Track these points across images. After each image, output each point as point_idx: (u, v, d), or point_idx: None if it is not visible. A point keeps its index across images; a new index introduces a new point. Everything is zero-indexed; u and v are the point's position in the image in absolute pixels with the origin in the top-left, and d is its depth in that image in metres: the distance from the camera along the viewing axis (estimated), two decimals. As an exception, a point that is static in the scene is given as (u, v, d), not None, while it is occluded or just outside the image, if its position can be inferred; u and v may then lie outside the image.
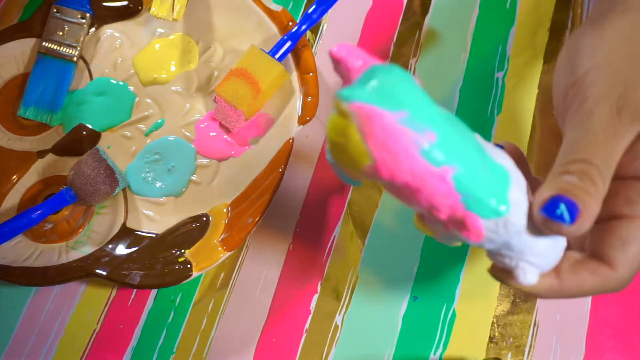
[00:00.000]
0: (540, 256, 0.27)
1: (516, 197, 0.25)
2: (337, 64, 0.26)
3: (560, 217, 0.25)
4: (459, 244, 0.27)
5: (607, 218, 0.27)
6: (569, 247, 0.28)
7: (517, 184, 0.25)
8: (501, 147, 0.29)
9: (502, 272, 0.28)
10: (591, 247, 0.28)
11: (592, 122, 0.26)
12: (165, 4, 0.43)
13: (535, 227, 0.26)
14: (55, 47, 0.42)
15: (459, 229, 0.25)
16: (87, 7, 0.43)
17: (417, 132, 0.23)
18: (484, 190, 0.24)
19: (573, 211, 0.25)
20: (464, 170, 0.24)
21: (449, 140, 0.24)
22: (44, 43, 0.42)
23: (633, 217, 0.27)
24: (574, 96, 0.28)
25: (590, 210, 0.25)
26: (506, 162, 0.26)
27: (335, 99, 0.24)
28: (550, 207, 0.25)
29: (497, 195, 0.25)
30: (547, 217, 0.25)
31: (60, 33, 0.42)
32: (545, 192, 0.25)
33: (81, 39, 0.43)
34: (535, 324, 0.39)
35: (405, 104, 0.23)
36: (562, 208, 0.25)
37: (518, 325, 0.39)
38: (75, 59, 0.42)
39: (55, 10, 0.43)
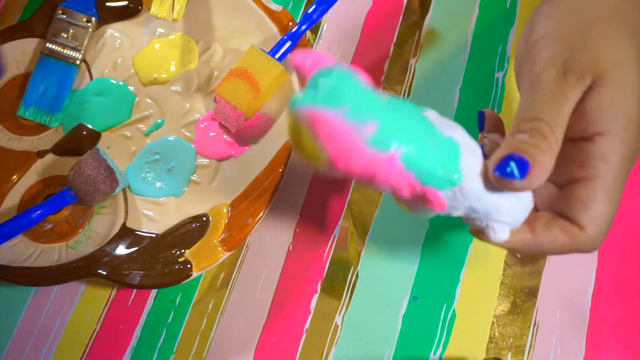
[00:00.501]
0: (507, 214, 0.28)
1: (469, 165, 0.27)
2: (297, 70, 0.28)
3: (511, 174, 0.27)
4: (433, 214, 0.29)
5: (566, 182, 0.29)
6: (538, 211, 0.30)
7: (470, 152, 0.28)
8: (482, 114, 0.32)
9: (477, 232, 0.30)
10: (559, 210, 0.29)
11: (540, 84, 0.28)
12: (165, 4, 0.43)
13: (494, 188, 0.28)
14: (58, 49, 0.42)
15: (424, 203, 0.28)
16: (94, 10, 0.43)
17: (360, 123, 0.25)
18: (434, 164, 0.27)
19: (523, 167, 0.27)
20: (410, 149, 0.26)
21: (391, 126, 0.26)
22: (47, 44, 0.42)
23: (587, 178, 0.28)
24: (526, 63, 0.30)
25: (542, 164, 0.27)
26: (457, 133, 0.28)
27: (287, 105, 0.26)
28: (502, 166, 0.27)
29: (448, 166, 0.27)
30: (499, 175, 0.27)
31: (65, 35, 0.42)
32: (498, 153, 0.27)
33: (85, 42, 0.43)
34: (535, 324, 0.39)
35: (345, 99, 0.25)
36: (512, 165, 0.27)
37: (518, 325, 0.39)
38: (78, 62, 0.42)
39: (61, 12, 0.43)
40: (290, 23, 0.42)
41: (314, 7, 0.42)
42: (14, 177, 0.40)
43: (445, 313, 0.39)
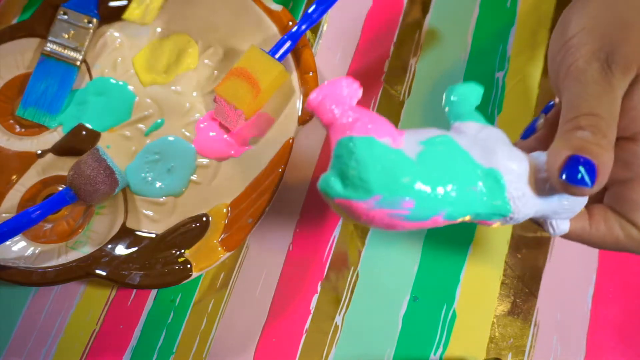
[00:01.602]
0: (565, 212, 0.28)
1: (516, 190, 0.26)
2: (314, 113, 0.27)
3: (582, 181, 0.25)
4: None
5: (612, 182, 0.29)
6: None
7: (515, 176, 0.27)
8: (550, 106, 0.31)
9: (537, 224, 0.30)
10: (612, 207, 0.29)
11: (587, 78, 0.27)
12: (140, 7, 0.42)
13: (550, 190, 0.27)
14: (59, 49, 0.42)
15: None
16: (95, 12, 0.43)
17: (395, 208, 0.25)
18: (479, 209, 0.26)
19: (591, 171, 0.25)
20: (451, 210, 0.26)
21: (427, 197, 0.25)
22: (48, 44, 0.42)
23: (635, 178, 0.28)
24: (565, 58, 0.29)
25: (606, 164, 0.26)
26: (499, 157, 0.27)
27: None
28: (570, 173, 0.26)
29: (494, 205, 0.26)
30: (568, 183, 0.25)
31: (66, 36, 0.42)
32: (561, 153, 0.26)
33: (86, 43, 0.43)
34: (535, 324, 0.39)
35: (374, 190, 0.25)
36: (582, 171, 0.25)
37: (518, 326, 0.39)
38: (78, 63, 0.42)
39: (62, 12, 0.43)
40: (290, 23, 0.42)
41: (314, 7, 0.42)
42: (14, 177, 0.40)
43: (445, 313, 0.39)
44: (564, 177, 0.26)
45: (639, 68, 0.27)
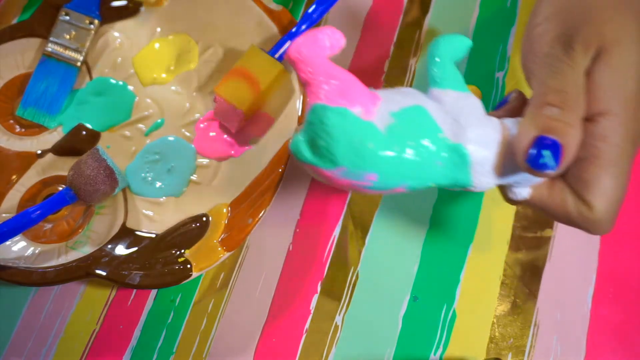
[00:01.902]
0: (527, 181, 0.29)
1: (480, 166, 0.27)
2: (293, 64, 0.27)
3: (545, 166, 0.26)
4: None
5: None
6: None
7: (481, 152, 0.27)
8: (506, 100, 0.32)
9: (499, 188, 0.31)
10: (569, 184, 0.29)
11: (552, 60, 0.28)
12: None
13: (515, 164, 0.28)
14: (60, 50, 0.42)
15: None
16: (97, 13, 0.43)
17: (359, 179, 0.26)
18: (441, 181, 0.28)
19: (556, 153, 0.26)
20: (413, 183, 0.27)
21: (390, 174, 0.26)
22: (49, 45, 0.42)
23: (589, 158, 0.28)
24: (531, 47, 0.30)
25: (573, 142, 0.27)
26: (468, 133, 0.27)
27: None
28: (535, 158, 0.26)
29: (457, 178, 0.28)
30: (532, 168, 0.26)
31: (67, 37, 0.42)
32: (528, 133, 0.27)
33: (87, 44, 0.43)
34: (535, 324, 0.39)
35: (339, 162, 0.26)
36: (546, 156, 0.26)
37: (518, 326, 0.39)
38: (79, 64, 0.42)
39: (64, 13, 0.43)
40: (290, 23, 0.42)
41: (314, 7, 0.42)
42: (14, 176, 0.40)
43: (445, 313, 0.39)
44: (528, 161, 0.26)
45: (598, 47, 0.28)
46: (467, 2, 0.47)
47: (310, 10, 0.42)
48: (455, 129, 0.27)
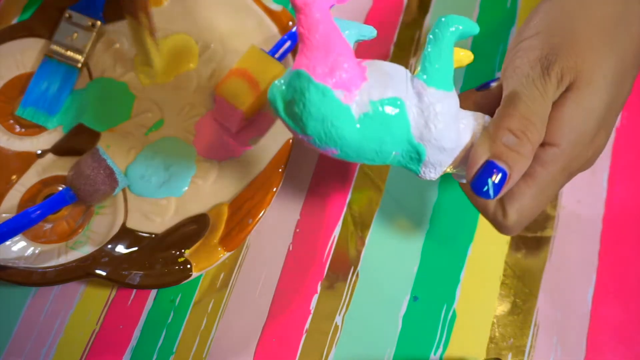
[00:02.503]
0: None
1: (433, 166, 0.29)
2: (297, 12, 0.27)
3: (486, 194, 0.28)
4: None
5: None
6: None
7: (439, 156, 0.29)
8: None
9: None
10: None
11: (528, 81, 0.29)
12: None
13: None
14: (62, 51, 0.42)
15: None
16: (100, 15, 0.43)
17: (321, 149, 0.28)
18: (394, 163, 0.29)
19: (500, 181, 0.28)
20: (371, 162, 0.29)
21: (352, 152, 0.28)
22: (52, 46, 0.42)
23: (523, 175, 0.29)
24: (514, 57, 0.31)
25: (518, 172, 0.28)
26: (432, 137, 0.28)
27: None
28: (479, 183, 0.28)
29: (409, 167, 0.29)
30: (474, 191, 0.28)
31: (69, 38, 0.42)
32: (478, 156, 0.28)
33: (88, 45, 0.43)
34: (535, 324, 0.39)
35: (308, 132, 0.27)
36: (489, 184, 0.28)
37: (518, 326, 0.39)
38: (79, 64, 0.42)
39: (68, 15, 0.43)
40: (290, 23, 0.42)
41: (314, 7, 0.42)
42: (14, 176, 0.40)
43: (445, 313, 0.39)
44: (472, 185, 0.28)
45: (572, 80, 0.29)
46: (467, 2, 0.47)
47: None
48: (423, 129, 0.28)
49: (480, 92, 0.33)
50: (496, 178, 0.28)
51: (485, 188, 0.28)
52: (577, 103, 0.29)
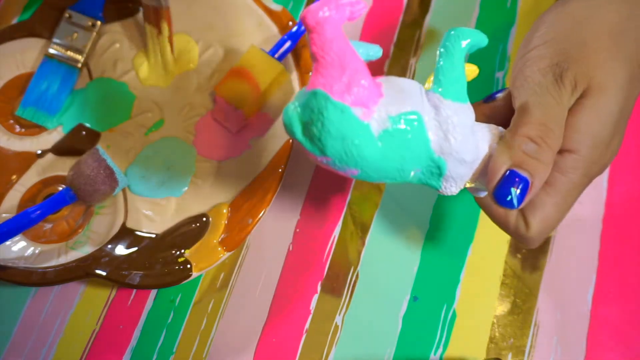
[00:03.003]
0: (486, 191, 0.30)
1: (454, 180, 0.29)
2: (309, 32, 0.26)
3: (509, 203, 0.28)
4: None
5: None
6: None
7: (459, 169, 0.28)
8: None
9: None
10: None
11: (542, 89, 0.29)
12: None
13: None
14: (62, 51, 0.42)
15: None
16: (100, 15, 0.43)
17: (340, 170, 0.27)
18: (415, 181, 0.29)
19: (523, 190, 0.27)
20: (391, 181, 0.28)
21: (372, 172, 0.27)
22: (52, 46, 0.42)
23: (543, 184, 0.29)
24: (523, 67, 0.31)
25: (541, 179, 0.28)
26: (452, 149, 0.28)
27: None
28: (502, 194, 0.28)
29: (429, 184, 0.29)
30: (497, 202, 0.28)
31: (69, 38, 0.42)
32: (503, 163, 0.28)
33: (88, 46, 0.43)
34: (535, 324, 0.39)
35: (327, 153, 0.27)
36: (513, 194, 0.27)
37: (518, 326, 0.39)
38: (79, 65, 0.42)
39: (68, 15, 0.43)
40: (290, 23, 0.42)
41: (314, 7, 0.42)
42: (14, 177, 0.40)
43: (445, 313, 0.39)
44: (495, 195, 0.28)
45: (585, 88, 0.29)
46: (467, 2, 0.47)
47: (310, 10, 0.42)
48: (443, 142, 0.28)
49: (488, 104, 0.33)
50: (518, 187, 0.27)
51: (509, 197, 0.28)
52: (592, 109, 0.29)
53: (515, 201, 0.28)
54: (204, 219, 0.39)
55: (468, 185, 0.30)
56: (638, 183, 0.42)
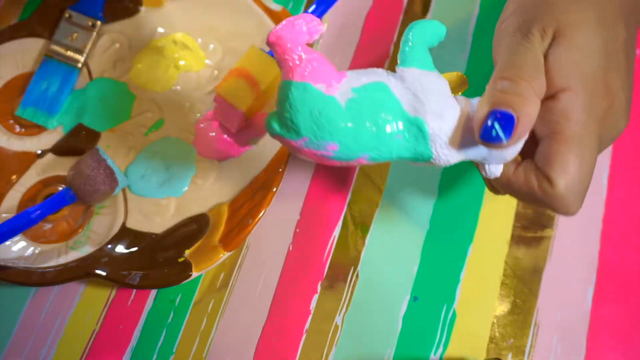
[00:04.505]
0: (495, 159, 0.29)
1: (439, 139, 0.28)
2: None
3: (496, 138, 0.27)
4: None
5: (539, 139, 0.30)
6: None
7: (439, 125, 0.28)
8: None
9: (476, 164, 0.31)
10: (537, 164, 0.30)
11: (512, 46, 0.30)
12: None
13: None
14: (62, 51, 0.42)
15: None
16: (100, 15, 0.43)
17: (320, 149, 0.28)
18: (401, 154, 0.29)
19: (508, 125, 0.27)
20: (373, 154, 0.29)
21: (349, 144, 0.28)
22: (52, 46, 0.42)
23: (551, 134, 0.29)
24: (498, 41, 0.31)
25: (527, 114, 0.27)
26: (426, 107, 0.28)
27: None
28: (485, 131, 0.27)
29: (416, 150, 0.29)
30: (484, 141, 0.27)
31: (69, 38, 0.43)
32: (480, 111, 0.28)
33: (88, 45, 0.43)
34: (535, 324, 0.39)
35: (302, 132, 0.28)
36: (497, 128, 0.27)
37: (518, 326, 0.39)
38: (80, 65, 0.42)
39: (68, 15, 0.43)
40: (290, 23, 0.42)
41: (314, 7, 0.42)
42: (14, 176, 0.40)
43: (445, 313, 0.39)
44: (481, 135, 0.27)
45: (555, 30, 0.29)
46: (467, 2, 0.47)
47: (310, 10, 0.42)
48: (415, 104, 0.28)
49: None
50: (501, 121, 0.27)
51: (494, 132, 0.27)
52: (569, 45, 0.29)
53: (501, 134, 0.27)
54: (204, 219, 0.39)
55: (460, 156, 0.29)
56: (638, 183, 0.42)
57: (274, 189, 0.39)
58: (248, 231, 0.38)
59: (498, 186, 0.31)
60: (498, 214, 0.41)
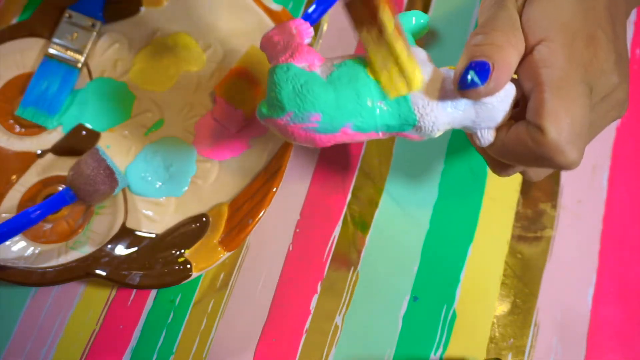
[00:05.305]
0: (484, 120, 0.30)
1: (421, 100, 0.29)
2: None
3: (472, 83, 0.27)
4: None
5: (527, 97, 0.30)
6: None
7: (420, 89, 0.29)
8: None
9: (470, 137, 0.32)
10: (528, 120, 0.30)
11: (490, 10, 0.30)
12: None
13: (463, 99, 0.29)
14: (62, 51, 0.42)
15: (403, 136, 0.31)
16: (100, 15, 0.43)
17: (305, 122, 0.29)
18: (386, 121, 0.29)
19: (484, 71, 0.27)
20: (357, 122, 0.29)
21: (332, 110, 0.29)
22: (52, 46, 0.42)
23: (534, 86, 0.29)
24: (482, 11, 0.32)
25: (503, 61, 0.28)
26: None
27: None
28: (461, 80, 0.28)
29: (401, 115, 0.29)
30: (461, 90, 0.27)
31: (69, 38, 0.43)
32: (458, 67, 0.28)
33: (88, 46, 0.43)
34: (535, 324, 0.39)
35: (287, 107, 0.29)
36: (472, 74, 0.27)
37: (518, 326, 0.39)
38: (79, 65, 0.42)
39: (68, 15, 0.43)
40: (290, 23, 0.42)
41: (314, 7, 0.42)
42: (14, 176, 0.40)
43: (445, 313, 0.39)
44: (458, 87, 0.28)
45: None
46: (467, 2, 0.47)
47: (310, 10, 0.42)
48: None
49: None
50: (476, 68, 0.27)
51: (469, 78, 0.27)
52: (540, 0, 0.30)
53: (476, 79, 0.27)
54: (204, 219, 0.39)
55: (446, 118, 0.29)
56: (638, 183, 0.42)
57: (274, 189, 0.39)
58: (248, 231, 0.38)
59: (495, 153, 0.31)
60: (498, 214, 0.41)
